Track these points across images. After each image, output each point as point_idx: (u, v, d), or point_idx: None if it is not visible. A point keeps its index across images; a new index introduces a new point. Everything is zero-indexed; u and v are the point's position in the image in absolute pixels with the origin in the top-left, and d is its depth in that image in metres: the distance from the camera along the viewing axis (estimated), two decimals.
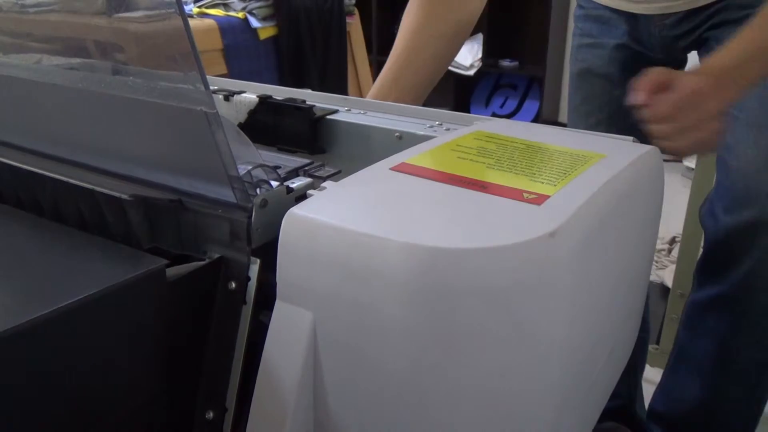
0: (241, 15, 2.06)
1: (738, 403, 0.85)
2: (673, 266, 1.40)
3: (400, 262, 0.36)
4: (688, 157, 2.25)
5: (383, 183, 0.45)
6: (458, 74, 3.23)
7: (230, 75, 1.97)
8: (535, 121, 3.06)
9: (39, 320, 0.33)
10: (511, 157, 0.50)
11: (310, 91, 0.75)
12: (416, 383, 0.39)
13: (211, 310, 0.44)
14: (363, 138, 0.65)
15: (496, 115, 3.19)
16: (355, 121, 0.66)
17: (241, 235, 0.43)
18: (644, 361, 1.09)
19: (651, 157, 0.54)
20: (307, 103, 0.68)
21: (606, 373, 0.54)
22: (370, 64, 2.77)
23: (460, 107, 3.34)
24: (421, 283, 0.36)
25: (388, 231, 0.37)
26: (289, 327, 0.41)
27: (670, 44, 0.88)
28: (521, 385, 0.39)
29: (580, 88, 1.00)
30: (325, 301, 0.40)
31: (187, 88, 0.39)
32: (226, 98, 0.71)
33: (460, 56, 3.16)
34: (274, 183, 0.46)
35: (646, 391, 1.06)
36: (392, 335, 0.38)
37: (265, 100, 0.69)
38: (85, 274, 0.40)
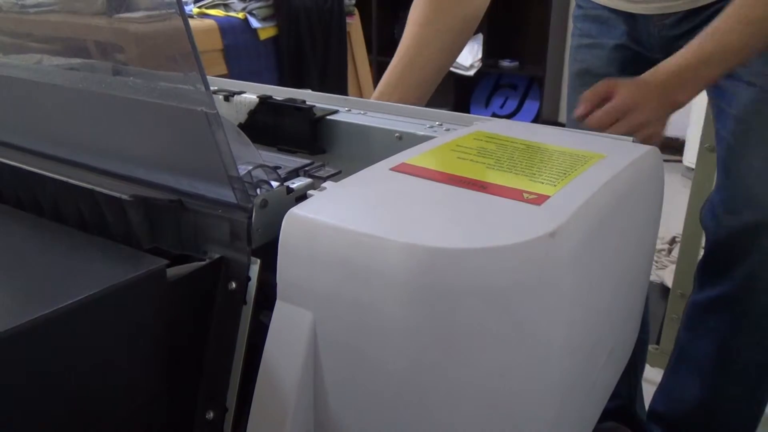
0: (241, 15, 2.06)
1: (738, 404, 0.85)
2: (673, 266, 1.40)
3: (400, 262, 0.36)
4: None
5: (383, 183, 0.45)
6: (458, 74, 3.23)
7: (230, 75, 1.97)
8: (535, 122, 3.06)
9: (39, 320, 0.33)
10: (511, 158, 0.50)
11: (310, 92, 0.75)
12: (416, 383, 0.39)
13: (212, 311, 0.44)
14: (363, 138, 0.65)
15: (496, 116, 3.19)
16: (355, 122, 0.66)
17: (242, 236, 0.43)
18: (644, 362, 1.09)
19: (651, 157, 0.54)
20: (307, 103, 0.68)
21: (606, 373, 0.54)
22: (370, 64, 2.77)
23: (460, 107, 3.34)
24: (421, 283, 0.36)
25: (388, 231, 0.37)
26: (290, 327, 0.41)
27: (670, 44, 0.88)
28: (521, 385, 0.39)
29: (579, 89, 1.00)
30: (325, 301, 0.40)
31: (188, 89, 0.39)
32: (226, 98, 0.71)
33: (461, 56, 3.15)
34: (274, 183, 0.46)
35: (646, 391, 1.06)
36: (392, 335, 0.38)
37: (265, 101, 0.69)
38: (85, 275, 0.40)
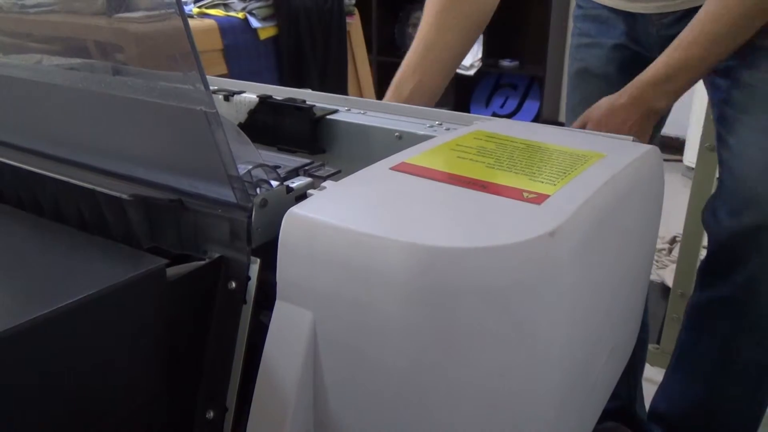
0: (241, 15, 2.06)
1: (739, 405, 0.85)
2: (674, 266, 1.40)
3: (400, 262, 0.36)
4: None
5: (383, 182, 0.45)
6: (458, 74, 3.22)
7: (230, 75, 1.97)
8: (536, 121, 3.06)
9: (39, 320, 0.33)
10: (511, 157, 0.50)
11: (310, 91, 0.75)
12: (416, 383, 0.39)
13: (212, 310, 0.44)
14: (363, 138, 0.65)
15: (497, 115, 3.19)
16: (355, 121, 0.66)
17: (241, 235, 0.43)
18: (644, 361, 1.09)
19: (651, 156, 0.54)
20: (307, 103, 0.68)
21: (606, 372, 0.54)
22: (370, 64, 2.77)
23: (460, 107, 3.34)
24: (421, 282, 0.36)
25: (388, 230, 0.37)
26: (290, 326, 0.41)
27: (668, 44, 0.88)
28: (521, 384, 0.39)
29: (578, 88, 1.00)
30: (325, 301, 0.40)
31: (187, 88, 0.39)
32: (226, 98, 0.71)
33: None
34: (274, 183, 0.46)
35: (646, 390, 1.06)
36: (392, 335, 0.38)
37: (265, 100, 0.69)
38: (85, 274, 0.40)
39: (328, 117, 0.67)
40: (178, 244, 0.45)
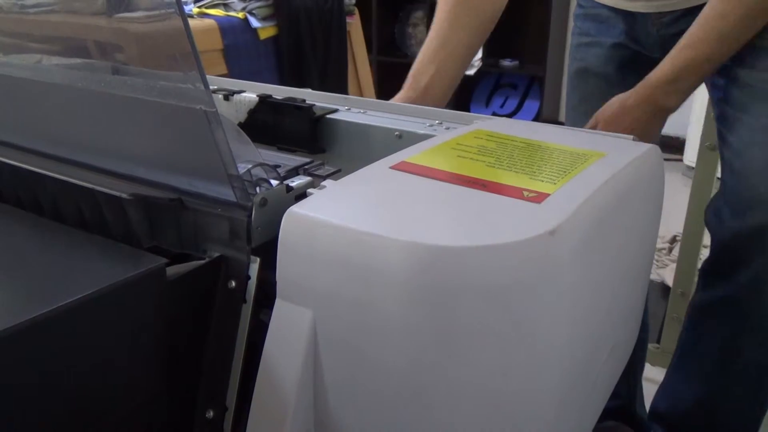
0: (241, 15, 2.06)
1: (740, 405, 0.85)
2: (674, 265, 1.40)
3: (400, 261, 0.36)
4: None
5: (383, 181, 0.45)
6: None
7: (230, 75, 1.96)
8: (536, 121, 3.06)
9: (39, 319, 0.33)
10: (511, 156, 0.50)
11: (310, 91, 0.75)
12: (416, 382, 0.39)
13: (211, 309, 0.44)
14: (363, 137, 0.65)
15: (497, 115, 3.18)
16: (355, 120, 0.66)
17: (241, 234, 0.43)
18: (644, 361, 1.09)
19: (651, 155, 0.54)
20: (307, 102, 0.68)
21: (606, 371, 0.54)
22: (370, 64, 2.77)
23: (461, 107, 3.34)
24: (421, 281, 0.36)
25: (388, 229, 0.37)
26: (289, 325, 0.41)
27: (668, 43, 0.88)
28: (521, 383, 0.39)
29: (578, 87, 1.00)
30: (325, 300, 0.40)
31: (187, 87, 0.39)
32: (226, 98, 0.71)
33: None
34: (273, 182, 0.46)
35: (646, 390, 1.06)
36: (392, 334, 0.38)
37: (265, 100, 0.69)
38: (85, 273, 0.40)
39: (328, 116, 0.67)
40: (178, 244, 0.45)
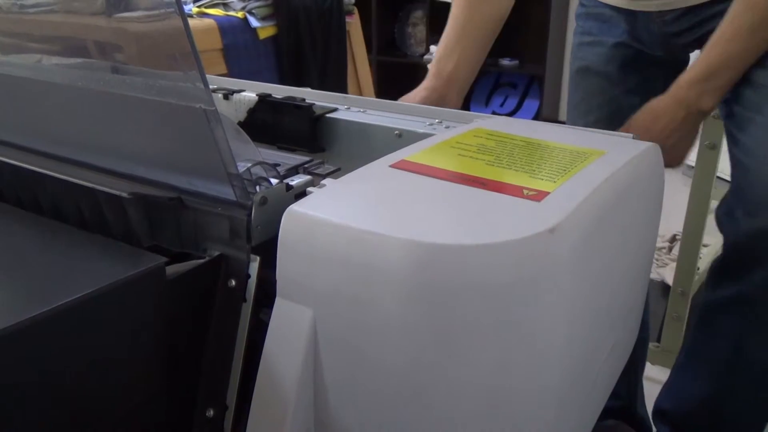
0: (240, 15, 2.06)
1: (746, 404, 0.84)
2: (674, 264, 1.40)
3: (400, 259, 0.36)
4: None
5: (383, 180, 0.45)
6: None
7: (230, 75, 1.96)
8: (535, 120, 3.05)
9: (39, 318, 0.33)
10: (511, 154, 0.50)
11: (309, 90, 0.75)
12: (416, 380, 0.39)
13: (211, 308, 0.44)
14: (362, 136, 0.65)
15: (496, 114, 3.18)
16: (355, 119, 0.66)
17: (241, 233, 0.43)
18: (644, 360, 1.08)
19: (651, 154, 0.54)
20: (307, 101, 0.68)
21: (606, 370, 0.54)
22: (370, 64, 2.77)
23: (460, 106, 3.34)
24: (421, 279, 0.36)
25: (387, 228, 0.37)
26: (289, 324, 0.41)
27: (670, 42, 0.88)
28: (521, 382, 0.39)
29: (580, 86, 1.00)
30: (325, 298, 0.40)
31: (187, 86, 0.39)
32: (226, 97, 0.71)
33: None
34: (273, 180, 0.46)
35: (646, 389, 1.06)
36: (392, 332, 0.38)
37: (264, 99, 0.69)
38: (85, 273, 0.40)
39: (328, 115, 0.67)
40: (178, 243, 0.45)
